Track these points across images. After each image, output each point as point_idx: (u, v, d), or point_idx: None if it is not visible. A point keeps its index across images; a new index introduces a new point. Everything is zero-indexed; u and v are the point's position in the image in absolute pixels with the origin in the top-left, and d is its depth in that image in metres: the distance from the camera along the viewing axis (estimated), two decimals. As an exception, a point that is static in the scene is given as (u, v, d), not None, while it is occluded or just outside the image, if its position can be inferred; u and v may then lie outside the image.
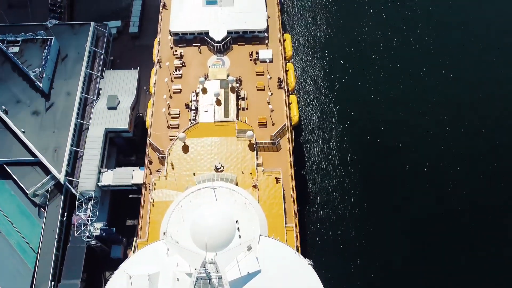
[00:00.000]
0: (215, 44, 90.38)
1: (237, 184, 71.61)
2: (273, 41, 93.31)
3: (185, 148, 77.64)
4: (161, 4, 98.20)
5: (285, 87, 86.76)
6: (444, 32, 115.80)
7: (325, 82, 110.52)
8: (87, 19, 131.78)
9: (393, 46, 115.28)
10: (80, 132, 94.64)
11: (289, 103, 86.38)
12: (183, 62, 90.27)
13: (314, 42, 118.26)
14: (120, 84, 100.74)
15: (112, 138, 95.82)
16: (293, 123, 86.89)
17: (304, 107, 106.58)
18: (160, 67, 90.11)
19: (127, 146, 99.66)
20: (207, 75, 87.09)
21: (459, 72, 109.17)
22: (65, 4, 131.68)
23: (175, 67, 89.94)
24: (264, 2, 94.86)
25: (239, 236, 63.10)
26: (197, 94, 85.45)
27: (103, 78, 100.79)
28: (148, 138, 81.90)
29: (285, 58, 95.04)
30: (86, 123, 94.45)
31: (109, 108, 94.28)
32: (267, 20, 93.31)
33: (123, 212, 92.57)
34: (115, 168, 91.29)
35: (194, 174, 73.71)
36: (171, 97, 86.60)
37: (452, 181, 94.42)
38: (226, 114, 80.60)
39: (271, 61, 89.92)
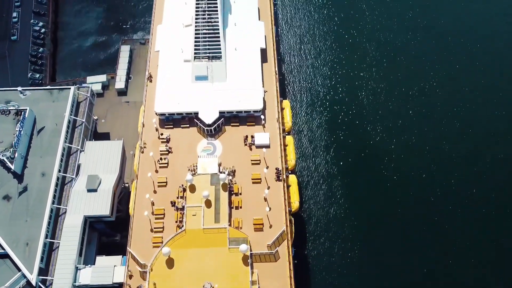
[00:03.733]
0: (205, 128, 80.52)
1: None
2: (270, 119, 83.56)
3: (170, 262, 68.03)
4: (146, 76, 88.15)
5: (283, 179, 77.10)
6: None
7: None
8: (69, 71, 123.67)
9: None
10: (56, 218, 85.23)
11: (289, 186, 78.33)
12: (169, 148, 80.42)
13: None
14: (103, 158, 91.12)
15: (92, 222, 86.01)
16: (293, 210, 78.03)
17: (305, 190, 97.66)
18: (142, 152, 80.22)
19: (109, 229, 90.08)
20: (196, 166, 77.29)
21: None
22: (46, 55, 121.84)
23: (161, 153, 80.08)
24: (260, 76, 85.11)
25: None
26: (184, 189, 75.69)
27: (83, 151, 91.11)
28: (127, 247, 72.19)
29: (283, 130, 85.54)
30: (64, 207, 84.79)
31: (89, 191, 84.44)
32: (264, 98, 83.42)
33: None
34: (95, 257, 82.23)
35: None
36: (155, 191, 76.86)
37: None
38: (217, 219, 70.95)
39: (268, 147, 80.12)
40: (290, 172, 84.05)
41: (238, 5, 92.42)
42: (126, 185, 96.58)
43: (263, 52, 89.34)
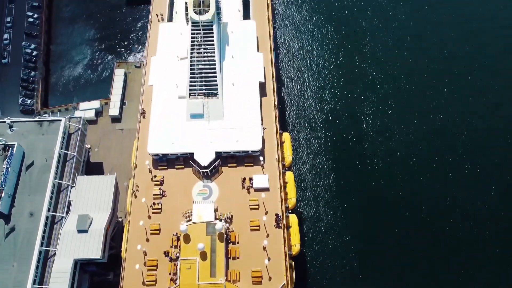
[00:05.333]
0: (201, 170, 76.30)
1: None
2: (269, 159, 79.33)
3: (163, 322, 63.97)
4: (140, 112, 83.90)
5: (284, 227, 72.96)
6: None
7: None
8: (62, 96, 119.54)
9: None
10: (45, 261, 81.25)
11: (289, 227, 74.41)
12: (163, 192, 76.18)
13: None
14: (95, 194, 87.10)
15: (83, 264, 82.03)
16: (293, 254, 74.55)
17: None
18: (135, 197, 76.04)
19: (101, 269, 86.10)
20: (191, 213, 73.09)
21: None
22: (38, 79, 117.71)
23: (154, 197, 75.89)
24: (259, 113, 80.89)
25: None
26: (178, 238, 71.49)
27: (74, 186, 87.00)
28: (116, 306, 68.15)
29: (283, 166, 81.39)
30: (53, 249, 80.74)
31: (79, 232, 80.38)
32: (263, 137, 79.14)
33: None
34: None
35: None
36: (147, 240, 72.70)
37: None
38: (213, 273, 66.74)
39: (267, 190, 75.89)
40: (290, 211, 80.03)
41: (236, 35, 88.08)
42: (120, 219, 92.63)
43: (262, 85, 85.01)
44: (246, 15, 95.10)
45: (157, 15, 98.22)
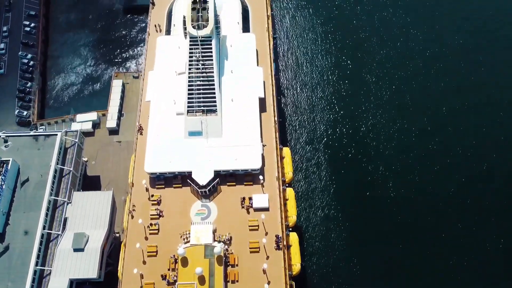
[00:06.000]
0: (199, 190, 74.47)
1: None
2: (269, 177, 77.46)
3: None
4: (137, 129, 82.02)
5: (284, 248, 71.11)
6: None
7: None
8: (59, 107, 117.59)
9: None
10: (40, 280, 79.68)
11: (289, 246, 72.89)
12: (160, 212, 74.32)
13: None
14: (91, 211, 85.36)
15: (79, 283, 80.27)
16: (294, 274, 72.94)
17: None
18: (132, 217, 74.18)
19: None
20: (189, 234, 71.22)
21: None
22: (34, 90, 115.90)
23: (151, 217, 74.04)
24: (258, 130, 78.98)
25: None
26: (176, 261, 69.64)
27: (70, 203, 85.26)
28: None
29: (283, 182, 79.63)
30: (48, 268, 78.96)
31: (75, 250, 78.65)
32: (262, 154, 77.26)
33: None
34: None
35: None
36: (144, 262, 70.85)
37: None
38: (211, 299, 64.94)
39: (267, 210, 74.03)
40: (291, 229, 78.27)
41: (235, 49, 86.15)
42: (117, 235, 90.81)
43: (262, 100, 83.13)
44: (246, 27, 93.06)
45: (155, 26, 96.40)
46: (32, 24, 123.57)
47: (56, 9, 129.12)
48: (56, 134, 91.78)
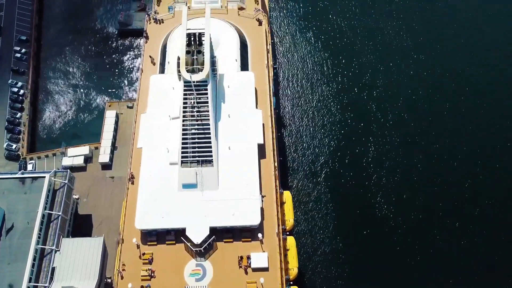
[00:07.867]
0: (193, 249, 69.45)
1: None
2: (269, 232, 72.39)
3: None
4: (128, 177, 76.98)
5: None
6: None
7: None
8: (50, 139, 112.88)
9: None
10: None
11: None
12: (152, 272, 69.37)
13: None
14: (80, 260, 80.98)
15: None
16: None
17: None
18: (122, 278, 69.24)
19: None
20: (183, 299, 66.37)
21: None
22: (24, 121, 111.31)
23: (142, 279, 69.09)
24: (257, 181, 73.78)
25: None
26: (168, 329, 64.80)
27: (59, 250, 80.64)
28: None
29: (284, 230, 74.67)
30: (33, 328, 74.33)
31: (63, 306, 73.97)
32: (262, 207, 72.15)
33: None
34: None
35: None
36: (135, 332, 65.96)
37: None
38: None
39: (266, 270, 69.05)
40: (292, 283, 73.49)
41: (233, 90, 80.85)
42: (109, 280, 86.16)
43: (261, 146, 77.91)
44: (245, 63, 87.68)
45: (150, 56, 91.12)
46: (23, 50, 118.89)
47: (48, 34, 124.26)
48: (44, 177, 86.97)
